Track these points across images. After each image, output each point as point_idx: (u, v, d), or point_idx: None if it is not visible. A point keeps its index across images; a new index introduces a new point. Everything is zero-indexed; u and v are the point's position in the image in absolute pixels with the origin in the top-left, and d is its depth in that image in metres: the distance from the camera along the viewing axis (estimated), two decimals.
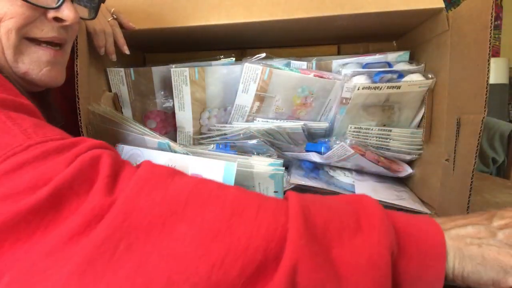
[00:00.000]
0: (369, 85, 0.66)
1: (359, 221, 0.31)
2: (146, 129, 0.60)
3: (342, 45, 0.92)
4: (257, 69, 0.68)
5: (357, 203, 0.33)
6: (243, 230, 0.28)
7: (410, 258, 0.30)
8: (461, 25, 0.56)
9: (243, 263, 0.27)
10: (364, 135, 0.72)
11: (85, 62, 0.62)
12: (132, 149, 0.59)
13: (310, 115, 0.75)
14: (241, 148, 0.74)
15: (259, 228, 0.29)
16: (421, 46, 0.72)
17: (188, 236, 0.28)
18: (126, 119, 0.61)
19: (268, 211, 0.30)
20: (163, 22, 0.66)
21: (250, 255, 0.27)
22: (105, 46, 0.64)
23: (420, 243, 0.31)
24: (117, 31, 0.65)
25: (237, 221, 0.29)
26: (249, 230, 0.28)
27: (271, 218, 0.30)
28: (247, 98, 0.71)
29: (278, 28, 0.70)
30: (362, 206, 0.33)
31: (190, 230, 0.28)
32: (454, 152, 0.56)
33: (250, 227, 0.29)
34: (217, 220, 0.29)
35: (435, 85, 0.66)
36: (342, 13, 0.61)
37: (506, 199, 0.78)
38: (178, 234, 0.28)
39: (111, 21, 0.64)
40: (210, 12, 0.65)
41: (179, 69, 0.70)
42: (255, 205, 0.30)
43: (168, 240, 0.28)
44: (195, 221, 0.29)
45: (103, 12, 0.63)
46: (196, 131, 0.76)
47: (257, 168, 0.56)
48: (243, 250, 0.27)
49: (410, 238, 0.31)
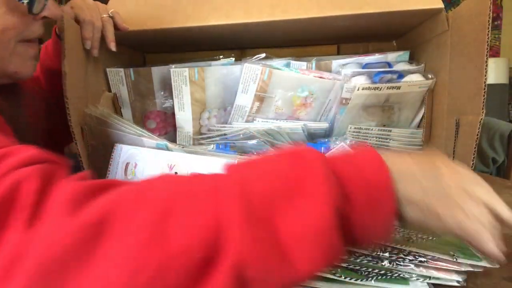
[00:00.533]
0: (369, 86, 0.66)
1: (302, 183, 0.29)
2: (143, 131, 0.60)
3: (342, 45, 0.92)
4: (256, 70, 0.68)
5: (299, 160, 0.31)
6: (177, 231, 0.26)
7: (360, 211, 0.29)
8: (460, 25, 0.56)
9: (182, 267, 0.25)
10: (364, 135, 0.72)
11: (82, 62, 0.62)
12: (130, 149, 0.59)
13: (310, 116, 0.75)
14: (241, 148, 0.74)
15: (194, 224, 0.26)
16: (421, 46, 0.72)
17: (119, 255, 0.25)
18: (122, 120, 0.61)
19: (203, 201, 0.28)
20: (164, 22, 0.66)
21: (188, 257, 0.25)
22: (91, 39, 0.63)
23: (368, 192, 0.30)
24: (108, 28, 0.64)
25: (169, 223, 0.26)
26: (183, 229, 0.26)
27: (206, 209, 0.27)
28: (247, 98, 0.71)
29: (278, 28, 0.70)
30: (304, 164, 0.30)
31: (120, 248, 0.25)
32: (453, 152, 0.56)
33: (183, 226, 0.26)
34: (147, 227, 0.26)
35: (435, 85, 0.66)
36: (342, 14, 0.61)
37: (506, 199, 0.77)
38: (108, 256, 0.25)
39: (105, 17, 0.63)
40: (210, 13, 0.65)
41: (178, 69, 0.70)
42: (188, 197, 0.28)
43: (98, 267, 0.25)
44: (123, 236, 0.26)
45: (99, 8, 0.63)
46: (196, 132, 0.76)
47: None
48: (180, 253, 0.25)
49: (358, 190, 0.30)
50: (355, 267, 0.42)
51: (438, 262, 0.42)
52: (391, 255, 0.42)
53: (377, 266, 0.42)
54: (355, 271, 0.42)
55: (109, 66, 0.72)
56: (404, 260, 0.42)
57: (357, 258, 0.42)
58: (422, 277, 0.42)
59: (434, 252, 0.42)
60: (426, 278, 0.42)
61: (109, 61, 0.73)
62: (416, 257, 0.42)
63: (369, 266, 0.42)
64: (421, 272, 0.42)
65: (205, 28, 0.66)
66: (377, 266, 0.42)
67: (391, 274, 0.42)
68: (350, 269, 0.42)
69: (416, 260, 0.42)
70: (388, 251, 0.42)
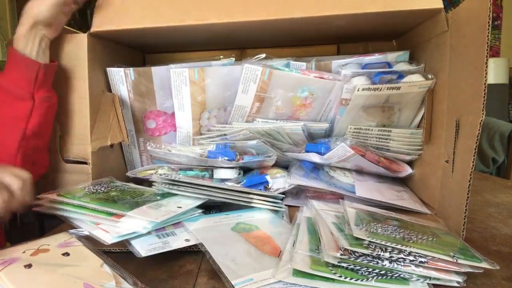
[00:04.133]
0: (369, 86, 0.66)
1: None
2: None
3: (342, 45, 0.92)
4: (257, 70, 0.68)
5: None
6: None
7: None
8: (460, 26, 0.56)
9: None
10: (364, 135, 0.72)
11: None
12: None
13: (310, 116, 0.75)
14: (241, 148, 0.74)
15: None
16: (421, 46, 0.72)
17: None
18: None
19: None
20: (162, 20, 0.66)
21: None
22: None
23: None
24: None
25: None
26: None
27: None
28: (247, 98, 0.71)
29: (277, 27, 0.70)
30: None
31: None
32: (453, 153, 0.56)
33: None
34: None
35: (435, 85, 0.66)
36: (341, 13, 0.61)
37: (506, 199, 0.78)
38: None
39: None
40: (209, 10, 0.64)
41: (178, 69, 0.70)
42: None
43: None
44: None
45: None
46: (196, 132, 0.76)
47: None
48: None
49: None
50: (355, 267, 0.42)
51: (438, 263, 0.42)
52: (391, 255, 0.42)
53: (377, 266, 0.42)
54: (355, 271, 0.42)
55: (109, 66, 0.72)
56: (404, 261, 0.42)
57: (357, 258, 0.42)
58: (422, 278, 0.42)
59: (434, 253, 0.42)
60: (426, 278, 0.42)
61: (109, 61, 0.73)
62: (416, 257, 0.42)
63: (369, 266, 0.42)
64: (421, 272, 0.42)
65: (204, 26, 0.66)
66: (377, 266, 0.42)
67: (391, 275, 0.42)
68: (350, 269, 0.42)
69: (417, 261, 0.42)
70: (389, 251, 0.42)
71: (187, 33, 0.72)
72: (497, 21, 2.76)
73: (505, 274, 0.45)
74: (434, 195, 0.64)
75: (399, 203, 0.63)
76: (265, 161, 0.73)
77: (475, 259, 0.42)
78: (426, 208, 0.64)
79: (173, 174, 0.73)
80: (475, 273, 0.42)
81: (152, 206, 0.55)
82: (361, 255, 0.43)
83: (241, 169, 0.75)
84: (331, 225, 0.50)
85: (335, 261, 0.42)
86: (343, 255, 0.42)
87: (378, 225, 0.49)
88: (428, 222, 0.56)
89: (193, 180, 0.61)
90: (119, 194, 0.59)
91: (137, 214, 0.51)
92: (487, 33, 0.47)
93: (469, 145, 0.50)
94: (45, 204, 0.56)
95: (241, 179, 0.72)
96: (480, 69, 0.49)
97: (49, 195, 0.57)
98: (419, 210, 0.63)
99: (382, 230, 0.47)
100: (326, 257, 0.43)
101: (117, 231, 0.49)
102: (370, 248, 0.43)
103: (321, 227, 0.50)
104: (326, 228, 0.50)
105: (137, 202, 0.56)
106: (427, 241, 0.45)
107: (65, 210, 0.55)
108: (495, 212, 0.68)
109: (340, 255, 0.42)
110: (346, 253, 0.43)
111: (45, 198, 0.57)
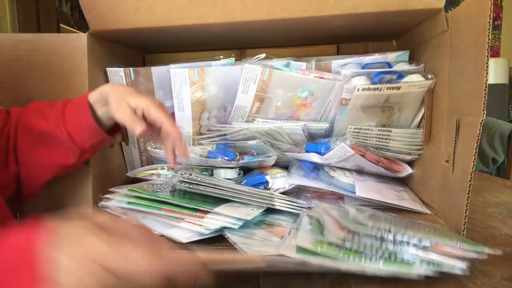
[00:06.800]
0: (369, 86, 0.66)
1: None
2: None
3: (342, 45, 0.92)
4: (256, 70, 0.68)
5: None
6: None
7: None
8: (460, 26, 0.56)
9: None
10: (364, 135, 0.72)
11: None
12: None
13: (310, 116, 0.75)
14: (241, 148, 0.74)
15: None
16: (421, 46, 0.72)
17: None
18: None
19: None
20: (160, 20, 0.66)
21: None
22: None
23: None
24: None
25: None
26: None
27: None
28: (247, 98, 0.71)
29: (277, 27, 0.70)
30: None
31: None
32: (453, 153, 0.56)
33: None
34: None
35: (435, 85, 0.66)
36: (341, 13, 0.61)
37: (506, 199, 0.78)
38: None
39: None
40: (208, 10, 0.64)
41: (178, 69, 0.70)
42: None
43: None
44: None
45: None
46: (196, 132, 0.76)
47: None
48: None
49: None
50: (359, 249, 0.42)
51: (442, 248, 0.42)
52: (395, 238, 0.42)
53: (381, 248, 0.42)
54: (359, 253, 0.42)
55: (109, 66, 0.72)
56: (408, 244, 0.42)
57: (361, 239, 0.42)
58: (425, 262, 0.42)
59: (438, 239, 0.43)
60: (429, 264, 0.42)
61: (109, 61, 0.73)
62: (420, 241, 0.42)
63: (373, 247, 0.42)
64: (424, 256, 0.42)
65: (204, 26, 0.66)
66: (381, 249, 0.42)
67: (395, 258, 0.42)
68: (354, 251, 0.42)
69: (421, 245, 0.42)
70: (392, 233, 0.42)
71: (187, 33, 0.72)
72: (497, 21, 2.76)
73: (505, 274, 0.45)
74: (434, 195, 0.64)
75: (399, 203, 0.63)
76: (265, 161, 0.73)
77: (478, 246, 0.43)
78: (426, 208, 0.64)
79: (193, 174, 0.72)
80: (475, 273, 0.43)
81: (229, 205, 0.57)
82: (365, 236, 0.43)
83: (241, 169, 0.75)
84: (334, 212, 0.50)
85: (339, 242, 0.43)
86: (347, 236, 0.43)
87: (380, 217, 0.49)
88: (428, 222, 0.56)
89: (219, 182, 0.61)
90: (187, 194, 0.60)
91: (224, 211, 0.54)
92: (488, 33, 0.47)
93: (470, 145, 0.50)
94: (114, 198, 0.59)
95: (241, 179, 0.72)
96: (480, 69, 0.49)
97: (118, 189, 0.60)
98: (419, 210, 0.63)
99: (384, 220, 0.47)
100: (330, 238, 0.43)
101: (208, 227, 0.51)
102: (374, 229, 0.43)
103: (324, 216, 0.51)
104: (330, 216, 0.50)
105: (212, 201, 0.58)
106: (429, 230, 0.45)
107: (141, 205, 0.57)
108: (495, 212, 0.68)
109: (344, 237, 0.43)
110: (350, 234, 0.43)
111: (116, 193, 0.59)
